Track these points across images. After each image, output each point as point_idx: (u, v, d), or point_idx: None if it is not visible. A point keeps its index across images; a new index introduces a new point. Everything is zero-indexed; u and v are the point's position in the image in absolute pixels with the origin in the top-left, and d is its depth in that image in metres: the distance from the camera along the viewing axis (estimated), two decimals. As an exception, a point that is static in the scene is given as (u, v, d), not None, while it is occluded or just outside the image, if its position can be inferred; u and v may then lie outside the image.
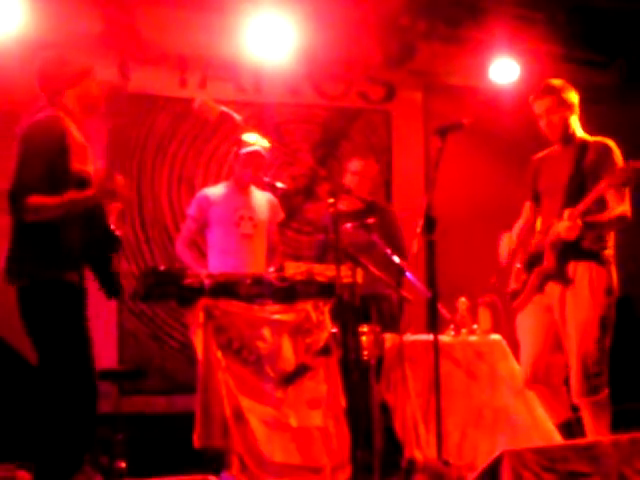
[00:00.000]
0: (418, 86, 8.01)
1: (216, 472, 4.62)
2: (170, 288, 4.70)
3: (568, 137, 4.92)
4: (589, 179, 4.71)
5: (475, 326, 5.62)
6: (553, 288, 4.83)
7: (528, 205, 5.14)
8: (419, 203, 5.89)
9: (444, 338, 5.38)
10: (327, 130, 7.74)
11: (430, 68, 7.79)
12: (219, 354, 4.66)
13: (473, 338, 5.54)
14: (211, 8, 6.80)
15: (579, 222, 4.58)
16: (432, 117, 7.83)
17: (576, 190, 4.74)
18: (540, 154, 5.13)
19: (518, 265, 5.00)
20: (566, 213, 4.64)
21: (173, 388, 6.96)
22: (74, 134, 4.04)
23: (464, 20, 7.42)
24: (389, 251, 5.04)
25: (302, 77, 7.57)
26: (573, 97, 4.94)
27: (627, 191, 4.71)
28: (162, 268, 4.86)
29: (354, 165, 6.12)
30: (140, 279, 4.83)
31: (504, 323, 5.72)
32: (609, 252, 4.80)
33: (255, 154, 5.63)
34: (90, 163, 4.14)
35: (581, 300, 4.73)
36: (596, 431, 4.71)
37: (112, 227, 4.19)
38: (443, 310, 5.26)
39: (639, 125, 8.37)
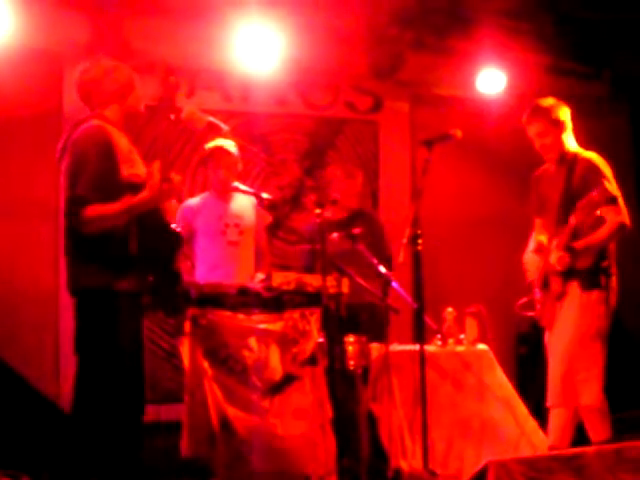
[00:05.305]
0: (405, 96, 8.00)
1: (202, 481, 4.63)
2: (157, 298, 4.69)
3: (563, 156, 4.88)
4: (577, 197, 4.57)
5: (462, 336, 5.62)
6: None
7: (539, 222, 5.06)
8: (405, 213, 5.96)
9: (431, 348, 5.38)
10: (314, 140, 7.74)
11: (417, 78, 7.79)
12: (205, 364, 4.66)
13: (460, 348, 5.55)
14: (199, 18, 6.80)
15: (566, 253, 4.58)
16: (419, 127, 7.84)
17: (566, 209, 4.67)
18: (538, 171, 5.08)
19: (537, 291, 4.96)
20: (554, 243, 4.64)
21: (159, 397, 6.94)
22: (119, 141, 4.07)
23: (451, 31, 7.44)
24: (375, 261, 5.06)
25: (289, 87, 7.57)
26: (564, 114, 4.88)
27: (619, 201, 4.59)
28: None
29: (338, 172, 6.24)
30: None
31: (491, 333, 5.74)
32: (606, 265, 4.73)
33: (220, 151, 5.62)
34: (140, 166, 4.16)
35: (572, 312, 4.69)
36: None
37: (171, 224, 4.25)
38: (430, 320, 5.26)
39: (624, 136, 8.45)
